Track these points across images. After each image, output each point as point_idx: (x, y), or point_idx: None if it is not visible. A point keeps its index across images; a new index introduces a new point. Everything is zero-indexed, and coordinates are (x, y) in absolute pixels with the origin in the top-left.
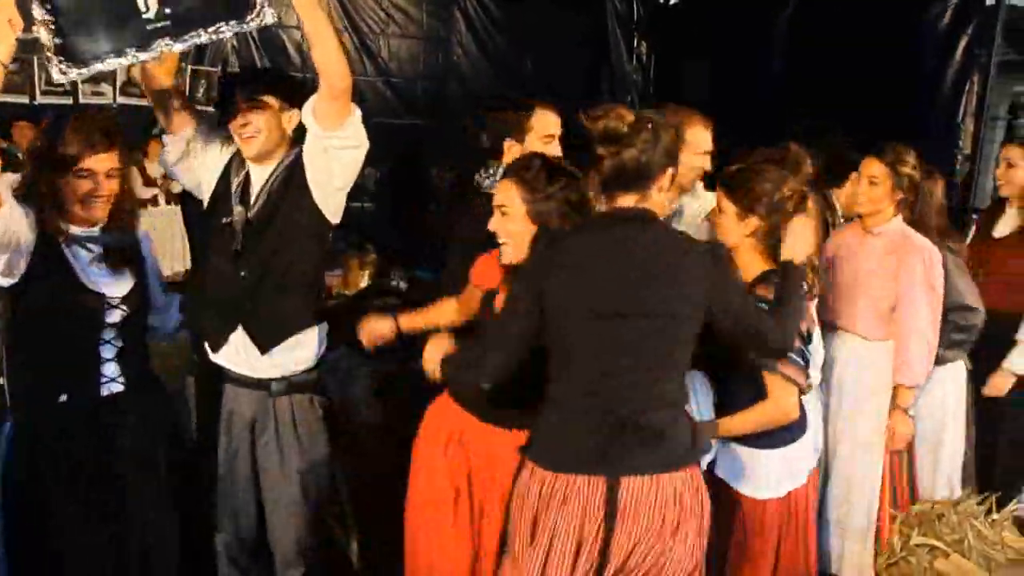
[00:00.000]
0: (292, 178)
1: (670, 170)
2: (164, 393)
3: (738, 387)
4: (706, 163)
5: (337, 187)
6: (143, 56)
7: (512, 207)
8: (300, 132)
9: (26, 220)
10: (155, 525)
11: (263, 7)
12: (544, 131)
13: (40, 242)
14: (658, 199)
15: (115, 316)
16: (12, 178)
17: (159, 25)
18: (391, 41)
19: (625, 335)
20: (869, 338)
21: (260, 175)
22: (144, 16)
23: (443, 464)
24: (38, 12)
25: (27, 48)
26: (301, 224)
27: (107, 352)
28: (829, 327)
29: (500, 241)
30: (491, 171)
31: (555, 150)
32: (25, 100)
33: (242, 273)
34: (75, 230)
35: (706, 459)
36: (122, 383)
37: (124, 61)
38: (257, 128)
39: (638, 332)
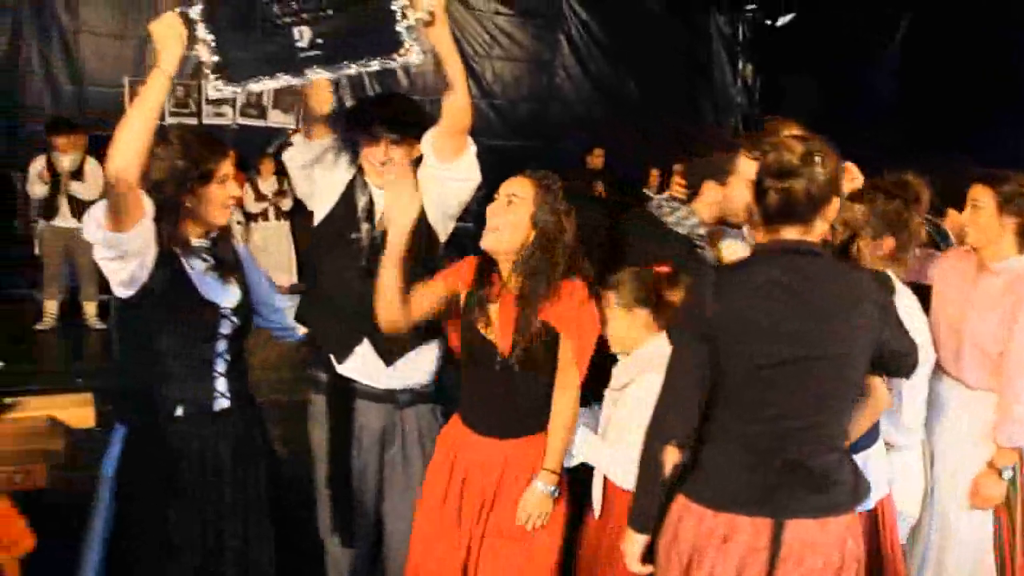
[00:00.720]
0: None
1: (835, 200)
2: (258, 409)
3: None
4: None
5: (449, 214)
6: (294, 80)
7: (520, 200)
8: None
9: (153, 230)
10: (254, 540)
11: (411, 46)
12: (749, 176)
13: (159, 254)
14: (820, 229)
15: (227, 327)
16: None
17: (311, 54)
18: (495, 64)
19: (798, 376)
20: (975, 387)
21: (382, 196)
22: (298, 44)
23: (442, 477)
24: (201, 32)
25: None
26: (418, 243)
27: (220, 366)
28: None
29: (490, 226)
30: (673, 209)
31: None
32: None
33: (367, 285)
34: (193, 241)
35: None
36: (228, 398)
37: (275, 84)
38: (395, 163)
39: (811, 373)
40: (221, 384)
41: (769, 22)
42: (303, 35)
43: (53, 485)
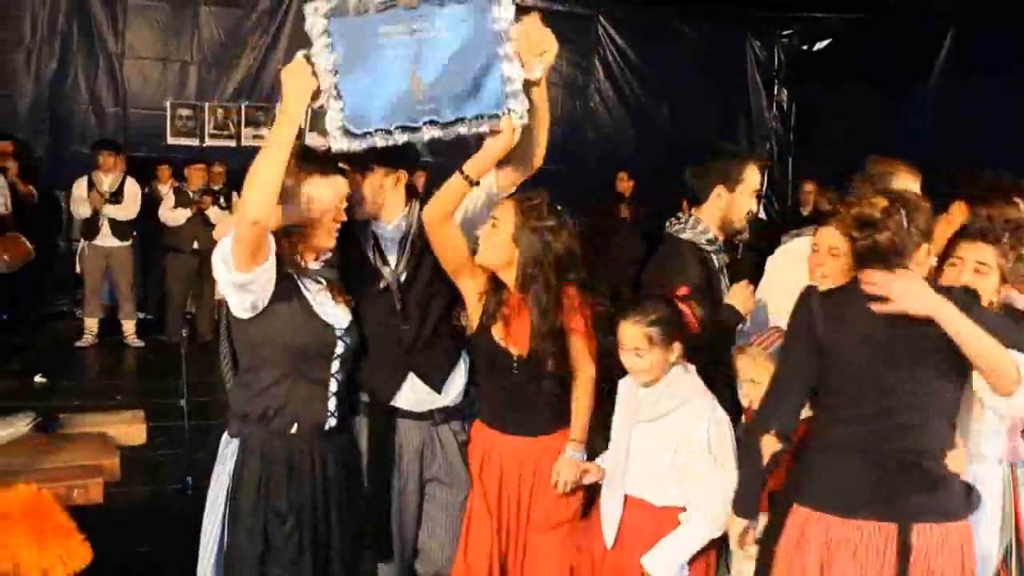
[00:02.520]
0: (423, 236)
1: (925, 246)
2: (352, 431)
3: None
4: (753, 204)
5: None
6: (409, 137)
7: (501, 222)
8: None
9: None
10: (357, 558)
11: (516, 112)
12: (754, 186)
13: (279, 277)
14: (917, 270)
15: (340, 348)
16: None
17: (426, 108)
18: None
19: (909, 380)
20: None
21: (391, 232)
22: (414, 97)
23: (479, 482)
24: (327, 79)
25: (198, 96)
26: (441, 270)
27: (333, 386)
28: None
29: (481, 247)
30: (685, 221)
31: (754, 206)
32: (195, 143)
33: (405, 327)
34: (309, 263)
35: None
36: (337, 418)
37: (393, 140)
38: (379, 192)
39: (921, 377)
40: (332, 404)
41: (805, 47)
42: (419, 86)
43: (106, 501)
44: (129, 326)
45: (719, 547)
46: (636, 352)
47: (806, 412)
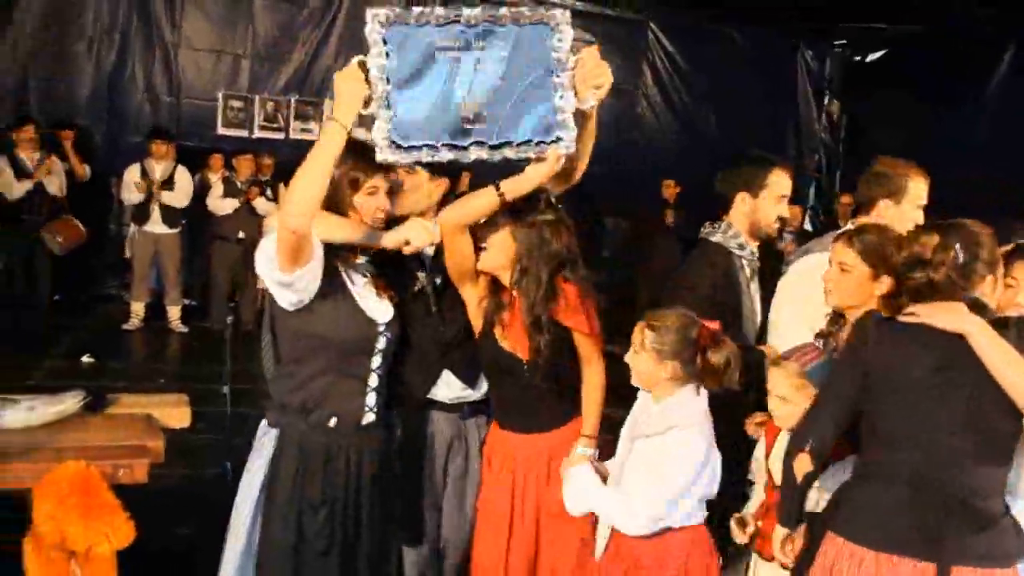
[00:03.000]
0: None
1: (990, 277)
2: (393, 429)
3: None
4: (919, 217)
5: None
6: (455, 156)
7: (501, 222)
8: None
9: (322, 260)
10: (385, 553)
11: (564, 139)
12: (780, 191)
13: (324, 271)
14: (984, 301)
15: (382, 343)
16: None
17: (476, 127)
18: None
19: (960, 415)
20: None
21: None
22: (463, 115)
23: (497, 485)
24: (380, 86)
25: (249, 88)
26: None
27: (373, 381)
28: None
29: (481, 245)
30: (719, 226)
31: (785, 211)
32: (245, 134)
33: (441, 329)
34: (356, 257)
35: None
36: (375, 413)
37: (437, 157)
38: (404, 193)
39: (973, 413)
40: (371, 399)
41: (858, 58)
42: (468, 105)
43: (152, 482)
44: (174, 311)
45: (720, 556)
46: (633, 349)
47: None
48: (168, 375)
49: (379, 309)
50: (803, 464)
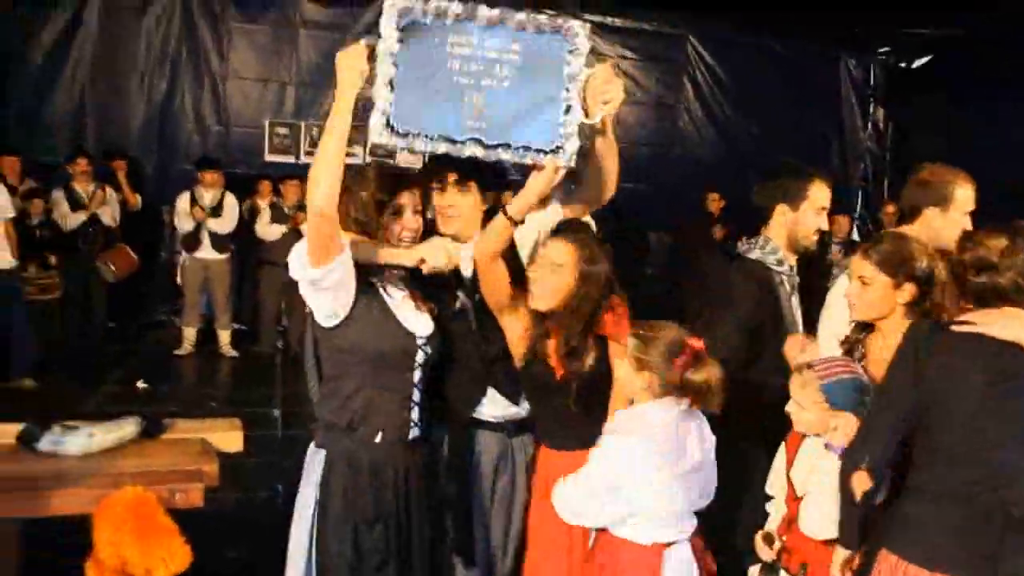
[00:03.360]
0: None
1: None
2: (439, 446)
3: None
4: (968, 223)
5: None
6: (448, 149)
7: (565, 270)
8: None
9: (353, 264)
10: (437, 569)
11: (566, 148)
12: (820, 203)
13: (361, 285)
14: None
15: (421, 356)
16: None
17: (475, 126)
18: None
19: (1019, 429)
20: None
21: (465, 252)
22: (464, 112)
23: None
24: (384, 71)
25: (295, 115)
26: (511, 267)
27: (415, 395)
28: None
29: (537, 292)
30: (756, 242)
31: (824, 223)
32: (291, 160)
33: (484, 347)
34: (392, 270)
35: None
36: (420, 428)
37: (432, 148)
38: (461, 212)
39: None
40: (415, 413)
41: (903, 65)
42: (473, 103)
43: (207, 506)
44: (225, 336)
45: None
46: (617, 354)
47: None
48: (220, 399)
49: (418, 322)
50: (862, 482)
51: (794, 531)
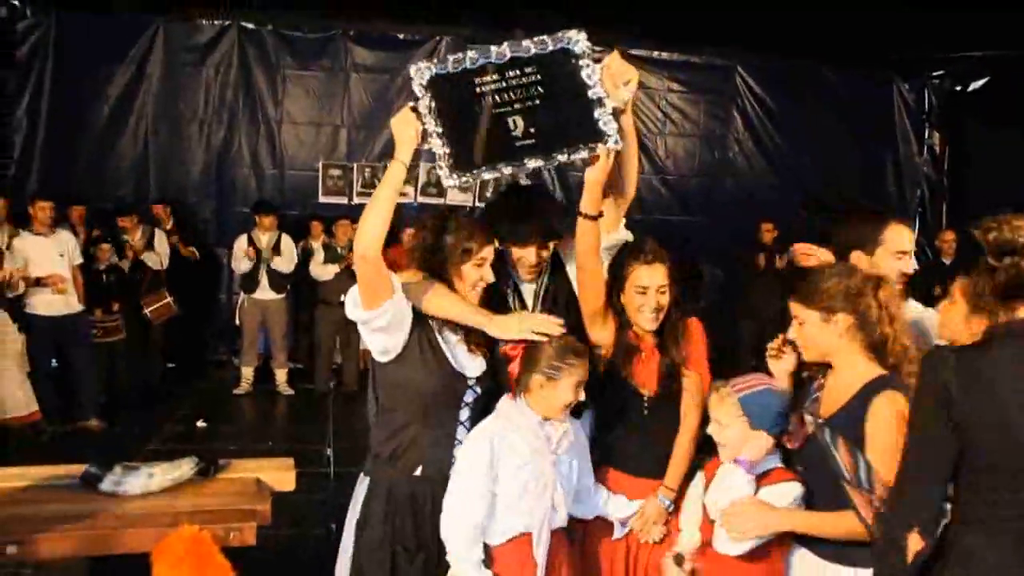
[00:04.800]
0: (559, 280)
1: None
2: None
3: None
4: (904, 266)
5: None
6: (510, 169)
7: (668, 286)
8: None
9: (408, 307)
10: None
11: (610, 135)
12: (897, 247)
13: (416, 325)
14: None
15: (471, 396)
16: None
17: (526, 143)
18: (668, 140)
19: None
20: None
21: (528, 289)
22: (513, 134)
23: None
24: (431, 125)
25: (348, 156)
26: (573, 315)
27: (460, 433)
28: None
29: (652, 314)
30: None
31: (907, 267)
32: (344, 201)
33: None
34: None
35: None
36: None
37: (495, 174)
38: (544, 262)
39: None
40: (459, 451)
41: (959, 88)
42: (516, 124)
43: (258, 543)
44: (281, 375)
45: None
46: None
47: None
48: (276, 437)
49: (470, 364)
50: (915, 544)
51: (708, 554)
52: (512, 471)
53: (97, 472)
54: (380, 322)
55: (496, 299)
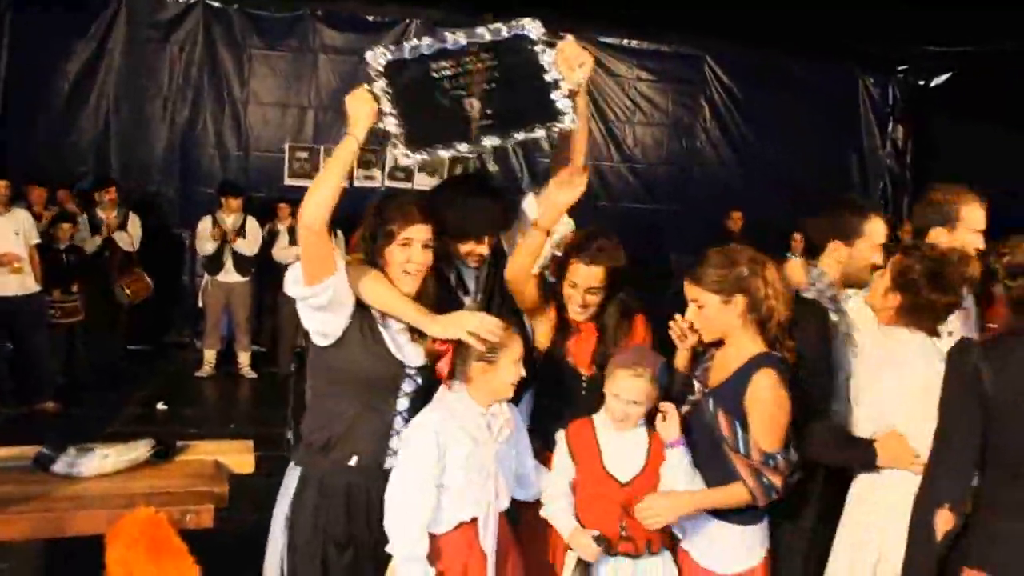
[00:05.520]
0: (501, 266)
1: None
2: None
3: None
4: (978, 241)
5: (539, 264)
6: (466, 147)
7: (605, 287)
8: None
9: (349, 289)
10: None
11: (567, 114)
12: (876, 239)
13: (357, 310)
14: None
15: (410, 386)
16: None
17: (483, 123)
18: (637, 128)
19: None
20: None
21: (471, 274)
22: (470, 115)
23: None
24: (386, 106)
25: (314, 139)
26: (511, 304)
27: (398, 424)
28: None
29: (583, 309)
30: (813, 278)
31: (880, 259)
32: (310, 183)
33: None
34: None
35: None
36: (396, 456)
37: (451, 152)
38: (483, 256)
39: None
40: (395, 442)
41: (922, 83)
42: (473, 107)
43: (217, 526)
44: (244, 358)
45: None
46: None
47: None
48: (239, 420)
49: (410, 352)
50: (946, 520)
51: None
52: (457, 462)
53: (50, 454)
54: (320, 300)
55: (439, 283)
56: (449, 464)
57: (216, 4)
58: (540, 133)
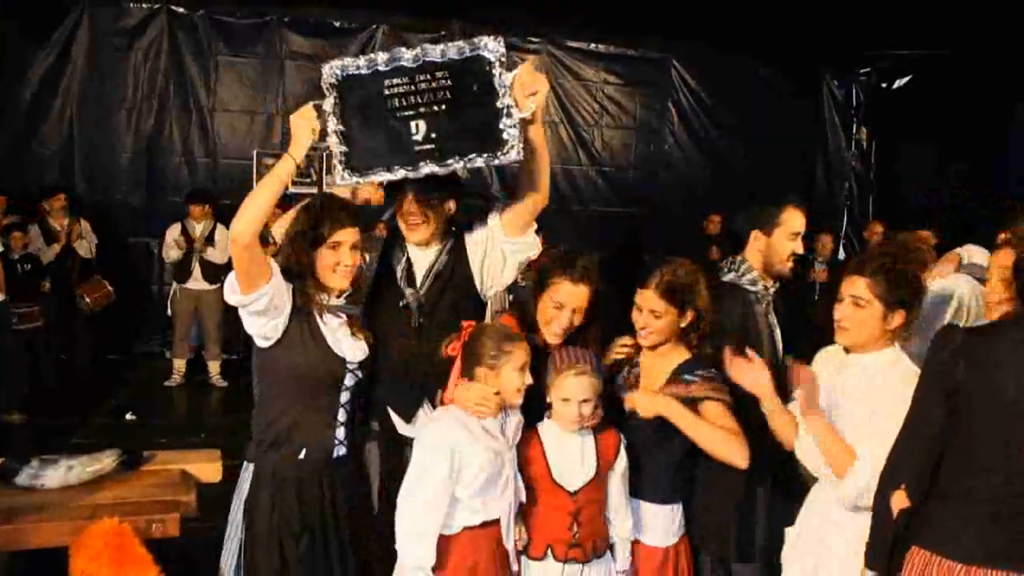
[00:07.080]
0: (457, 263)
1: None
2: (361, 459)
3: None
4: (795, 247)
5: (504, 281)
6: (407, 173)
7: (584, 308)
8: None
9: (287, 291)
10: None
11: (512, 145)
12: (792, 228)
13: (295, 310)
14: None
15: (351, 380)
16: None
17: (425, 148)
18: (605, 132)
19: None
20: None
21: (423, 259)
22: (413, 138)
23: None
24: (332, 124)
25: (282, 146)
26: (464, 303)
27: (341, 416)
28: None
29: (559, 331)
30: (735, 265)
31: (799, 248)
32: None
33: (415, 342)
34: (326, 299)
35: None
36: (346, 447)
37: (392, 176)
38: (429, 221)
39: None
40: (341, 433)
41: (885, 85)
42: (419, 128)
43: (184, 535)
44: (214, 366)
45: None
46: None
47: None
48: (209, 429)
49: (351, 348)
50: (900, 500)
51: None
52: (473, 474)
53: (13, 466)
54: (257, 306)
55: (384, 272)
56: (463, 478)
57: (180, 10)
58: (479, 163)
